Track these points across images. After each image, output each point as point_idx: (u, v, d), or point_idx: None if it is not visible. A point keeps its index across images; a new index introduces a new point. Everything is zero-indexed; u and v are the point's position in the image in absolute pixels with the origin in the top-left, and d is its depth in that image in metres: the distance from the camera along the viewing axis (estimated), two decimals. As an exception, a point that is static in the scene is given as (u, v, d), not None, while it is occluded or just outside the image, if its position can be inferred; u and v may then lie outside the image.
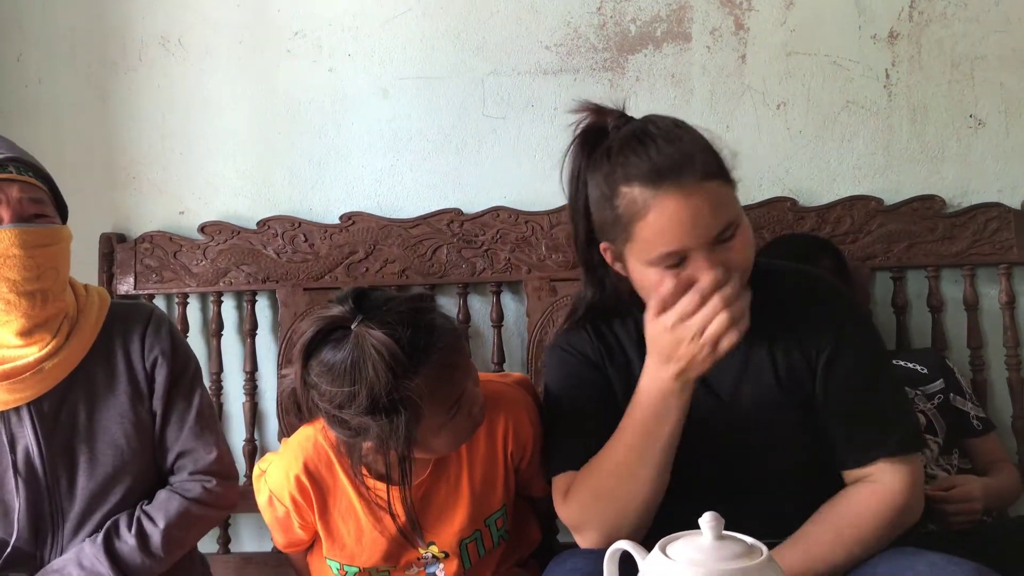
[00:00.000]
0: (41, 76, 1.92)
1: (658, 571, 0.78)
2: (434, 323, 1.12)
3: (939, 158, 1.85)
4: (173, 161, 1.93)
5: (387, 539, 1.25)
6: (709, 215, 1.06)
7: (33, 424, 1.23)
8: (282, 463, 1.25)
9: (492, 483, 1.27)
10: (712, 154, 1.09)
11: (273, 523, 1.31)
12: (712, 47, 1.88)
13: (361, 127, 1.91)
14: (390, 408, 1.07)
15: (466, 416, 1.16)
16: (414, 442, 1.11)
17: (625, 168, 1.09)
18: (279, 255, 1.87)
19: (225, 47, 1.91)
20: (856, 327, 1.18)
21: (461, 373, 1.15)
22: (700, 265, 1.07)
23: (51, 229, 1.21)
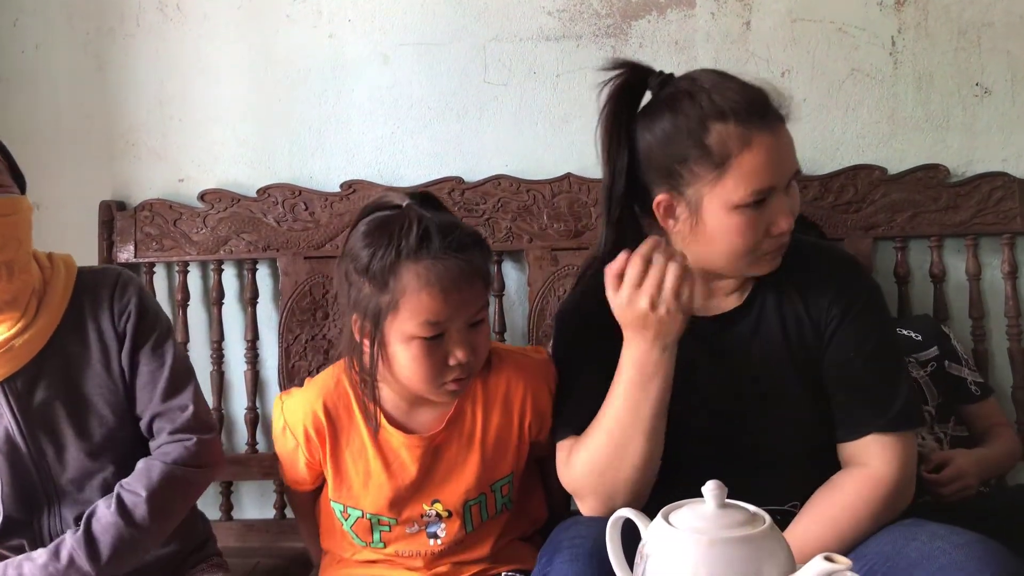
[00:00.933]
0: (38, 42, 1.90)
1: (661, 539, 0.79)
2: (468, 247, 1.17)
3: (944, 127, 1.83)
4: (172, 128, 1.91)
5: (393, 488, 1.26)
6: (790, 154, 1.15)
7: (8, 402, 1.21)
8: (302, 396, 1.29)
9: (504, 448, 1.27)
10: (781, 99, 1.17)
11: (282, 453, 1.34)
12: (716, 13, 1.85)
13: (361, 94, 1.89)
14: (379, 279, 1.14)
15: (441, 352, 1.16)
16: (383, 330, 1.16)
17: (718, 107, 1.12)
18: (279, 223, 1.86)
19: (224, 12, 1.88)
20: (865, 300, 1.18)
21: (457, 298, 1.14)
22: (779, 207, 1.13)
23: (10, 199, 1.18)
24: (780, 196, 1.13)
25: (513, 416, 1.27)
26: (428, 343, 1.15)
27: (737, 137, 1.11)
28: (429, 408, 1.27)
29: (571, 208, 1.84)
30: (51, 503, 1.26)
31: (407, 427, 1.26)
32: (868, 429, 1.13)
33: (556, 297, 1.85)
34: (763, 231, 1.13)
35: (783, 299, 1.20)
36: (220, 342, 1.87)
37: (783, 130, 1.14)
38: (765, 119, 1.12)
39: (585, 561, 1.01)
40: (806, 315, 1.19)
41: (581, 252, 1.84)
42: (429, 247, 1.13)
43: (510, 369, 1.28)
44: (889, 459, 1.12)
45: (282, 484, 1.85)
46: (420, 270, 1.13)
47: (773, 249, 1.16)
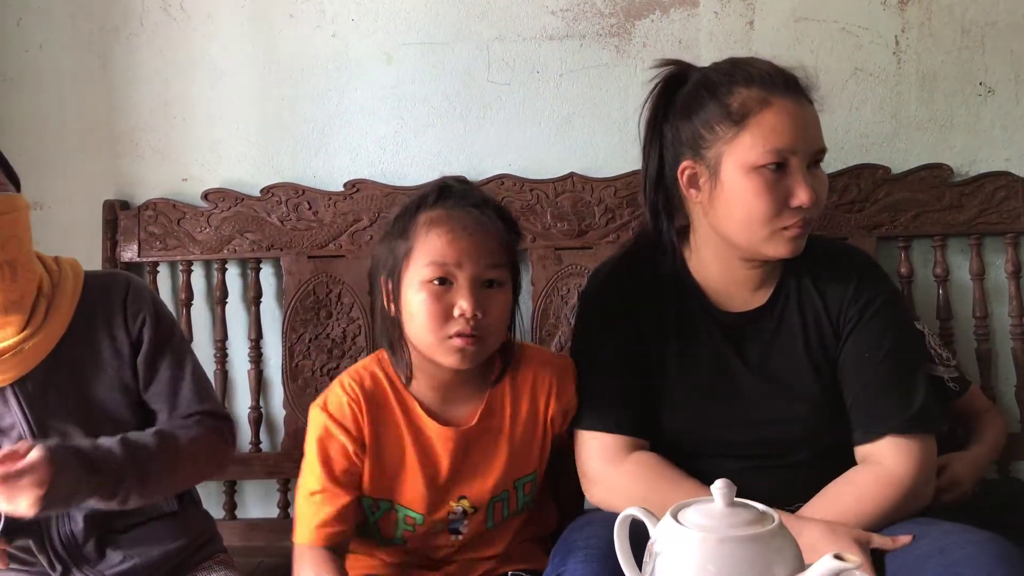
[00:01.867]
0: (41, 41, 1.90)
1: (670, 537, 0.79)
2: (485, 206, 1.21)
3: (948, 126, 1.83)
4: (175, 127, 1.91)
5: (426, 481, 1.25)
6: (815, 128, 1.17)
7: (20, 404, 1.21)
8: (340, 386, 1.27)
9: (529, 444, 1.28)
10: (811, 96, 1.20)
11: (324, 460, 1.24)
12: (720, 13, 1.85)
13: (365, 93, 1.89)
14: (401, 229, 1.19)
15: (442, 303, 1.16)
16: (400, 281, 1.19)
17: (746, 73, 1.17)
18: (283, 223, 1.86)
19: (227, 12, 1.88)
20: (883, 301, 1.19)
21: (469, 243, 1.16)
22: (797, 181, 1.13)
23: (5, 196, 1.17)
24: (801, 168, 1.13)
25: (539, 410, 1.27)
26: (435, 288, 1.16)
27: (758, 98, 1.14)
28: (462, 401, 1.27)
29: (574, 207, 1.84)
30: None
31: (441, 416, 1.26)
32: (884, 430, 1.13)
33: (559, 297, 1.85)
34: (781, 200, 1.13)
35: (804, 298, 1.21)
36: (224, 341, 1.87)
37: (808, 105, 1.17)
38: (789, 88, 1.16)
39: (600, 562, 1.01)
40: (825, 315, 1.19)
41: (584, 251, 1.85)
42: (445, 200, 1.20)
43: (536, 364, 1.29)
44: (904, 460, 1.12)
45: (287, 482, 1.87)
46: (433, 215, 1.18)
47: (792, 224, 1.14)
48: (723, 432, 1.19)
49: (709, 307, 1.22)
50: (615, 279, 1.26)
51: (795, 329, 1.20)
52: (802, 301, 1.20)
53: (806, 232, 1.16)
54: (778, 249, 1.17)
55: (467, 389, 1.26)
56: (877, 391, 1.15)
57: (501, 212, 1.23)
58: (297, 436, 1.85)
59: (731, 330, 1.21)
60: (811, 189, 1.12)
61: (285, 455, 1.85)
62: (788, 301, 1.20)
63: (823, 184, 1.17)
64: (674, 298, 1.23)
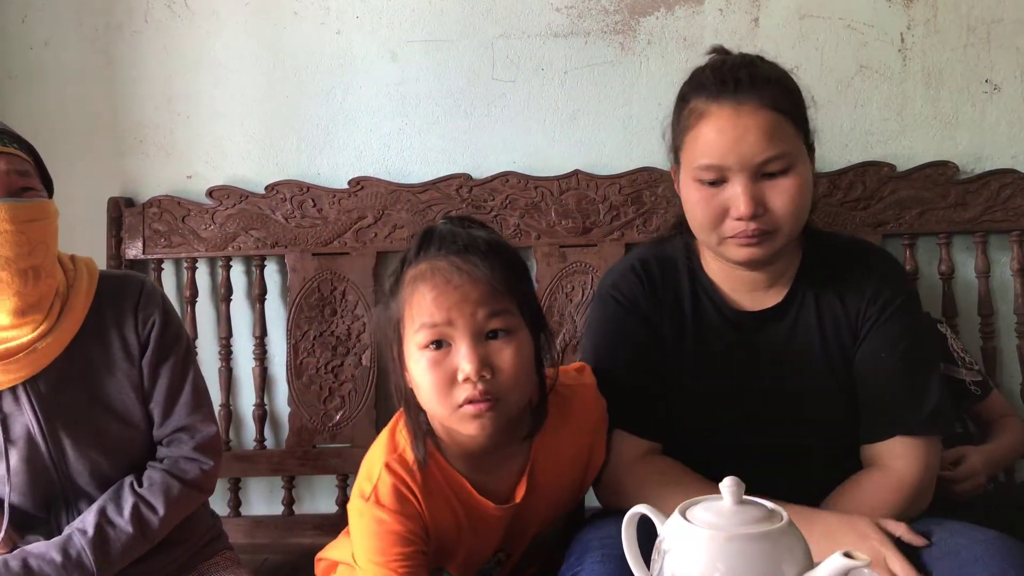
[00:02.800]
0: (47, 39, 1.90)
1: (678, 535, 0.79)
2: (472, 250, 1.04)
3: (953, 124, 1.83)
4: (180, 124, 1.91)
5: (478, 550, 1.17)
6: (756, 139, 1.08)
7: (31, 403, 1.22)
8: (386, 471, 1.11)
9: (572, 488, 1.22)
10: (788, 95, 1.12)
11: (391, 560, 1.08)
12: (725, 10, 1.85)
13: (369, 91, 1.89)
14: (393, 289, 1.08)
15: (447, 373, 1.02)
16: (403, 346, 1.06)
17: (699, 78, 1.14)
18: (287, 220, 1.86)
19: (232, 9, 1.88)
20: (901, 302, 1.17)
21: (455, 292, 1.02)
22: (736, 192, 1.09)
23: (41, 203, 1.19)
24: (740, 179, 1.09)
25: (578, 464, 1.20)
26: (433, 354, 1.03)
27: (699, 110, 1.12)
28: (503, 461, 1.14)
29: (579, 205, 1.84)
30: (68, 502, 1.27)
31: (486, 487, 1.13)
32: (894, 430, 1.13)
33: (564, 294, 1.85)
34: (720, 211, 1.11)
35: (822, 298, 1.19)
36: (228, 338, 1.88)
37: (760, 114, 1.08)
38: (726, 94, 1.09)
39: (616, 562, 1.00)
40: (843, 314, 1.18)
41: (589, 249, 1.85)
42: (427, 251, 1.07)
43: (573, 414, 1.17)
44: (912, 462, 1.11)
45: (291, 479, 1.87)
46: (415, 273, 1.06)
47: (737, 234, 1.11)
48: (738, 433, 1.18)
49: (723, 306, 1.21)
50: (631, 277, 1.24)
51: (811, 328, 1.19)
52: (819, 300, 1.19)
53: (764, 239, 1.11)
54: (733, 254, 1.15)
55: (505, 450, 1.13)
56: (890, 391, 1.15)
57: (494, 250, 1.06)
58: (301, 433, 1.85)
59: (745, 329, 1.20)
60: (749, 200, 1.08)
61: (289, 452, 1.85)
62: (804, 300, 1.19)
63: (786, 191, 1.09)
64: (690, 297, 1.23)
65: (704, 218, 1.13)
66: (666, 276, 1.24)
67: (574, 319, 1.85)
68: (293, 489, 1.88)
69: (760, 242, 1.12)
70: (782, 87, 1.12)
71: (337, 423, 1.85)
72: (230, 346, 1.88)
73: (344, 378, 1.85)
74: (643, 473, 1.17)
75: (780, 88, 1.12)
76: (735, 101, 1.09)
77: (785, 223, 1.11)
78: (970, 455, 1.46)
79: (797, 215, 1.11)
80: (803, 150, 1.13)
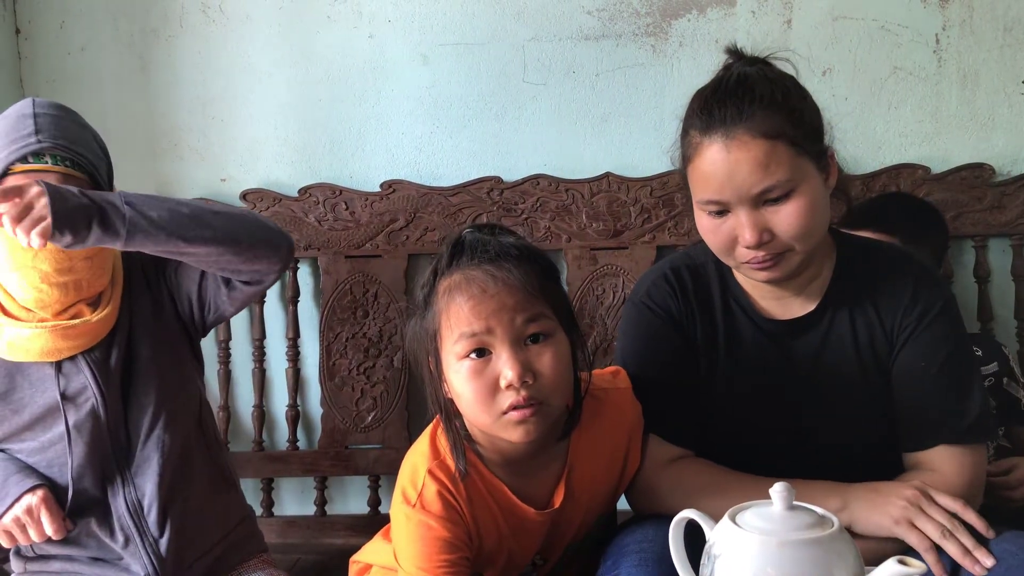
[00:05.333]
0: (84, 44, 1.92)
1: (729, 540, 0.79)
2: (504, 258, 1.04)
3: (989, 125, 1.82)
4: (214, 128, 1.93)
5: (518, 554, 1.17)
6: (749, 172, 1.06)
7: (93, 372, 1.25)
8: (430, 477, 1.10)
9: (607, 493, 1.21)
10: (785, 115, 1.07)
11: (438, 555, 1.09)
12: (757, 12, 1.84)
13: (401, 94, 1.90)
14: (426, 302, 1.07)
15: (485, 376, 1.02)
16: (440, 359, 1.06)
17: (693, 108, 1.12)
18: (320, 223, 1.87)
19: (265, 13, 1.90)
20: (940, 310, 1.15)
21: (492, 300, 1.02)
22: (739, 222, 1.08)
23: None
24: (741, 211, 1.07)
25: (614, 468, 1.19)
26: (474, 363, 1.03)
27: (695, 142, 1.10)
28: (542, 463, 1.14)
29: (610, 207, 1.84)
30: (124, 479, 1.29)
31: (524, 492, 1.13)
32: (937, 440, 1.12)
33: (595, 297, 1.85)
34: (729, 239, 1.10)
35: (856, 306, 1.18)
36: (262, 340, 1.89)
37: (752, 145, 1.05)
38: (726, 131, 1.06)
39: (654, 565, 1.00)
40: (879, 323, 1.17)
41: (620, 252, 1.85)
42: (459, 261, 1.06)
43: (608, 417, 1.17)
44: (959, 470, 1.10)
45: (323, 480, 1.88)
46: (449, 283, 1.05)
47: (750, 260, 1.11)
48: (770, 441, 1.17)
49: (754, 315, 1.20)
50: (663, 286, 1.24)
51: (845, 337, 1.17)
52: (853, 308, 1.17)
53: (778, 261, 1.10)
54: (752, 276, 1.15)
55: (542, 456, 1.13)
56: (933, 400, 1.13)
57: (525, 255, 1.06)
58: (333, 434, 1.87)
59: (777, 338, 1.19)
60: (754, 230, 1.06)
61: (321, 453, 1.87)
62: (838, 309, 1.18)
63: (790, 215, 1.07)
64: (721, 305, 1.22)
65: (716, 246, 1.14)
66: (697, 284, 1.24)
67: (605, 322, 1.85)
68: (325, 490, 1.89)
69: (774, 265, 1.11)
70: (777, 109, 1.07)
71: (369, 424, 1.86)
72: (263, 348, 1.89)
73: (376, 379, 1.86)
74: (676, 477, 1.17)
75: (775, 111, 1.07)
76: (725, 135, 1.06)
77: (795, 243, 1.09)
78: (1022, 464, 1.46)
79: (807, 234, 1.09)
80: (807, 167, 1.08)
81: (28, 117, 1.20)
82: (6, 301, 1.23)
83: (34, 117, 1.20)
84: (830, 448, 1.17)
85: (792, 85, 1.12)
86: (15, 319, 1.22)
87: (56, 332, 1.21)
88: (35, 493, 1.23)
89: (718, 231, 1.11)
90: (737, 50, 1.17)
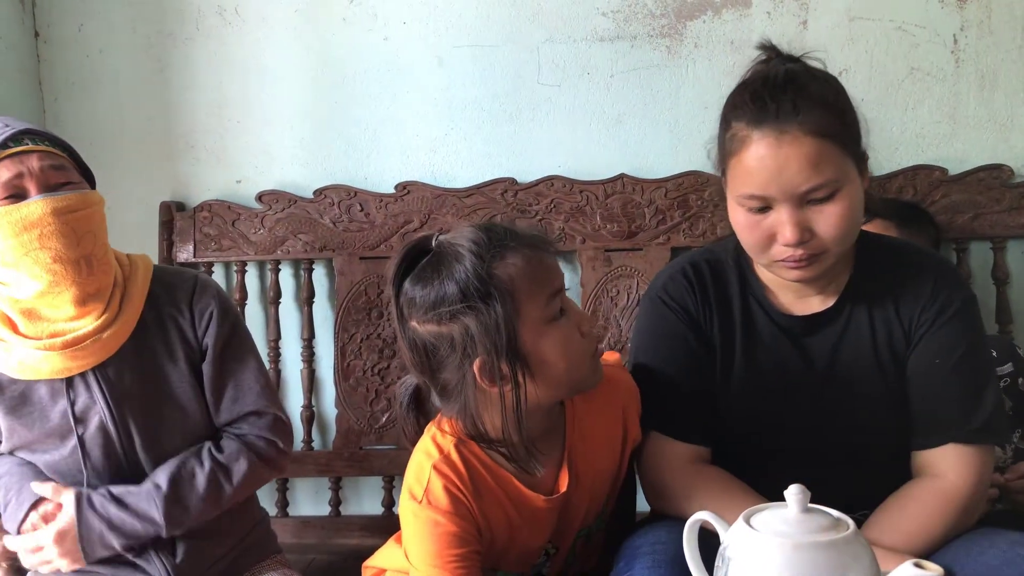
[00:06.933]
0: (102, 46, 1.94)
1: (744, 542, 0.78)
2: (514, 224, 1.12)
3: (1008, 126, 1.80)
4: (230, 130, 1.94)
5: (529, 548, 1.17)
6: (798, 169, 1.04)
7: (101, 388, 1.26)
8: (435, 473, 1.10)
9: (610, 472, 1.21)
10: (836, 115, 1.06)
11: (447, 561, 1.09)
12: (772, 13, 1.84)
13: (416, 96, 1.90)
14: (483, 292, 1.01)
15: (574, 326, 1.07)
16: (518, 339, 1.03)
17: (740, 100, 1.10)
18: (335, 224, 1.88)
19: (281, 15, 1.91)
20: (957, 308, 1.15)
21: (552, 263, 1.08)
22: (781, 220, 1.07)
23: (80, 194, 1.22)
24: (785, 208, 1.06)
25: (614, 442, 1.20)
26: (562, 321, 1.06)
27: (742, 135, 1.08)
28: (543, 450, 1.13)
29: (624, 209, 1.84)
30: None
31: (530, 480, 1.13)
32: (947, 438, 1.11)
33: (609, 298, 1.85)
34: (767, 236, 1.09)
35: (874, 303, 1.17)
36: (277, 341, 1.90)
37: (803, 142, 1.04)
38: (768, 123, 1.05)
39: (666, 567, 1.00)
40: (896, 319, 1.16)
41: (634, 253, 1.84)
42: (504, 243, 1.05)
43: (605, 392, 1.17)
44: (966, 472, 1.09)
45: (338, 480, 1.89)
46: (515, 257, 1.04)
47: (786, 258, 1.10)
48: (787, 439, 1.17)
49: (773, 311, 1.20)
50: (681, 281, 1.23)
51: (863, 333, 1.17)
52: (872, 305, 1.17)
53: (814, 262, 1.09)
54: (785, 275, 1.13)
55: (545, 439, 1.14)
56: (945, 398, 1.13)
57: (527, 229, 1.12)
58: (348, 435, 1.87)
59: (796, 334, 1.19)
60: (796, 228, 1.05)
61: (336, 453, 1.87)
62: (856, 305, 1.17)
63: (833, 216, 1.06)
64: (740, 301, 1.22)
65: (751, 242, 1.12)
66: (716, 279, 1.23)
67: (619, 323, 1.85)
68: (340, 490, 1.90)
69: (809, 264, 1.10)
70: (828, 108, 1.07)
71: (383, 425, 1.87)
72: (278, 348, 1.90)
73: (390, 380, 1.87)
74: (689, 480, 1.17)
75: (826, 110, 1.06)
76: (777, 129, 1.05)
77: (833, 245, 1.09)
78: None
79: (846, 236, 1.09)
80: (851, 170, 1.08)
81: None
82: (17, 318, 1.23)
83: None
84: (845, 445, 1.16)
85: (840, 86, 1.12)
86: (26, 337, 1.22)
87: (66, 353, 1.22)
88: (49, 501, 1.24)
89: (757, 227, 1.09)
90: (773, 46, 1.15)
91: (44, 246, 1.17)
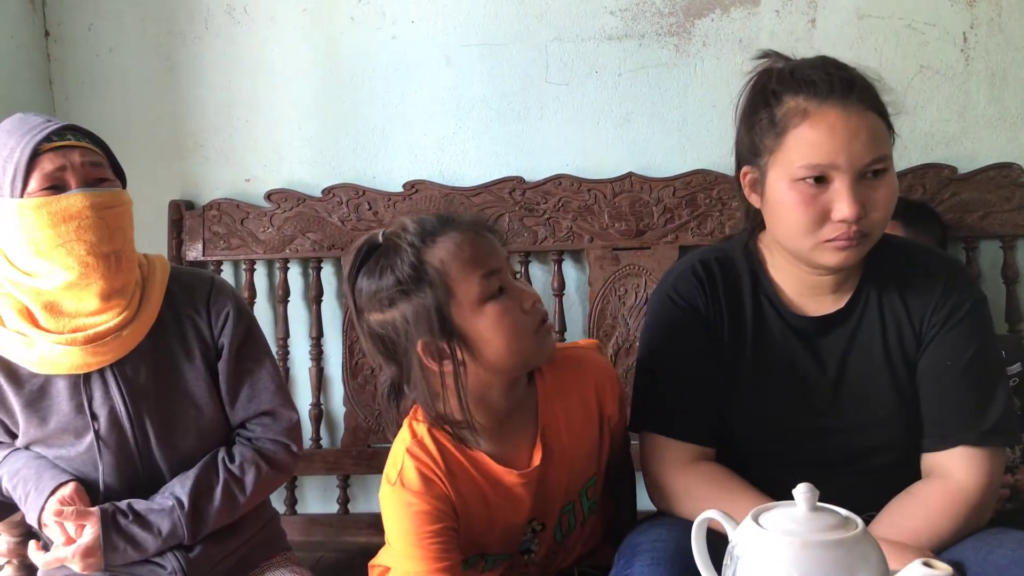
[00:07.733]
0: (112, 45, 1.95)
1: (752, 541, 0.78)
2: (456, 213, 1.17)
3: (1018, 124, 1.79)
4: (239, 129, 1.95)
5: (512, 527, 1.20)
6: (865, 140, 1.07)
7: (118, 384, 1.27)
8: (409, 457, 1.16)
9: (589, 450, 1.24)
10: (879, 97, 1.11)
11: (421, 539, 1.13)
12: (781, 11, 1.83)
13: (424, 95, 1.91)
14: (415, 277, 1.08)
15: (515, 303, 1.10)
16: (452, 318, 1.08)
17: (799, 80, 1.11)
18: (344, 223, 1.88)
19: (289, 15, 1.91)
20: (968, 310, 1.15)
21: (488, 245, 1.11)
22: (839, 194, 1.08)
23: (116, 192, 1.25)
24: (846, 180, 1.07)
25: (593, 412, 1.23)
26: (501, 299, 1.09)
27: (800, 109, 1.09)
28: (516, 427, 1.19)
29: (632, 207, 1.84)
30: (154, 484, 1.30)
31: (504, 457, 1.18)
32: (957, 440, 1.11)
33: (617, 297, 1.84)
34: (821, 213, 1.09)
35: (885, 303, 1.17)
36: (285, 339, 1.91)
37: (865, 113, 1.07)
38: (835, 95, 1.08)
39: (666, 564, 1.00)
40: (907, 320, 1.16)
41: (643, 252, 1.84)
42: (437, 230, 1.11)
43: (572, 366, 1.22)
44: (975, 474, 1.09)
45: (346, 478, 1.89)
46: (446, 242, 1.10)
47: (837, 236, 1.09)
48: (795, 440, 1.16)
49: (784, 310, 1.19)
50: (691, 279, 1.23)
51: (874, 334, 1.17)
52: (883, 305, 1.17)
53: (861, 242, 1.10)
54: (827, 259, 1.13)
55: (518, 416, 1.19)
56: (954, 400, 1.12)
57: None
58: (356, 433, 1.88)
59: (806, 334, 1.18)
60: (855, 202, 1.07)
61: (344, 451, 1.88)
62: (868, 305, 1.17)
63: (885, 192, 1.09)
64: (751, 300, 1.21)
65: (803, 220, 1.10)
66: (727, 278, 1.23)
67: (627, 322, 1.84)
68: (348, 488, 1.91)
69: (857, 244, 1.10)
70: (876, 91, 1.12)
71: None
72: (287, 347, 1.91)
73: (398, 379, 1.87)
74: (692, 479, 1.17)
75: (875, 92, 1.12)
76: (843, 102, 1.07)
77: (879, 226, 1.11)
78: None
79: (887, 219, 1.12)
80: (890, 150, 1.12)
81: (33, 115, 1.25)
82: (39, 312, 1.24)
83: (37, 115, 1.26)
84: (854, 446, 1.16)
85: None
86: (47, 332, 1.24)
87: (87, 349, 1.23)
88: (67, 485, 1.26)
89: (812, 203, 1.09)
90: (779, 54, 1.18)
91: (80, 238, 1.19)
